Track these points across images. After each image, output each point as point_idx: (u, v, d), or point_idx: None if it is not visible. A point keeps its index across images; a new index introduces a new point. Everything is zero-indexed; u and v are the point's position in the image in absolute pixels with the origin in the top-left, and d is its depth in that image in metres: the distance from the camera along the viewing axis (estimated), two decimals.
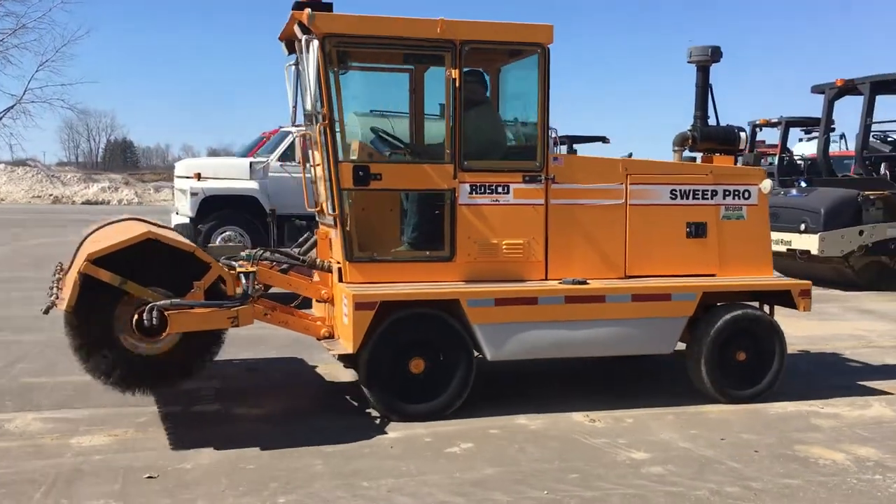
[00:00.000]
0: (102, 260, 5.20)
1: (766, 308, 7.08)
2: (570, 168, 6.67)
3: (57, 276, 6.32)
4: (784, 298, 6.94)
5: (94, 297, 5.19)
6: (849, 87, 14.05)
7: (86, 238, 6.49)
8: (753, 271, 7.12)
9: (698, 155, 7.71)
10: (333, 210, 6.25)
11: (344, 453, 5.33)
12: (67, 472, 4.94)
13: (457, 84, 6.29)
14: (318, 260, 6.63)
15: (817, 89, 14.70)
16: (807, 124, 18.36)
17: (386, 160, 6.58)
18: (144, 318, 5.28)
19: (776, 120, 17.75)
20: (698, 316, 6.67)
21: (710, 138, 7.40)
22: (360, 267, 6.30)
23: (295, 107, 7.16)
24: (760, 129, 18.51)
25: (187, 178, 12.97)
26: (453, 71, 6.29)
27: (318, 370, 7.65)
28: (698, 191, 6.99)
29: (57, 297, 5.67)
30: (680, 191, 6.94)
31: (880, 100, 13.79)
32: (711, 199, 7.02)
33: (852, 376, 7.78)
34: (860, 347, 9.18)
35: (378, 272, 6.32)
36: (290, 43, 6.97)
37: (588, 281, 6.50)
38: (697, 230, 6.96)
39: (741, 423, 6.20)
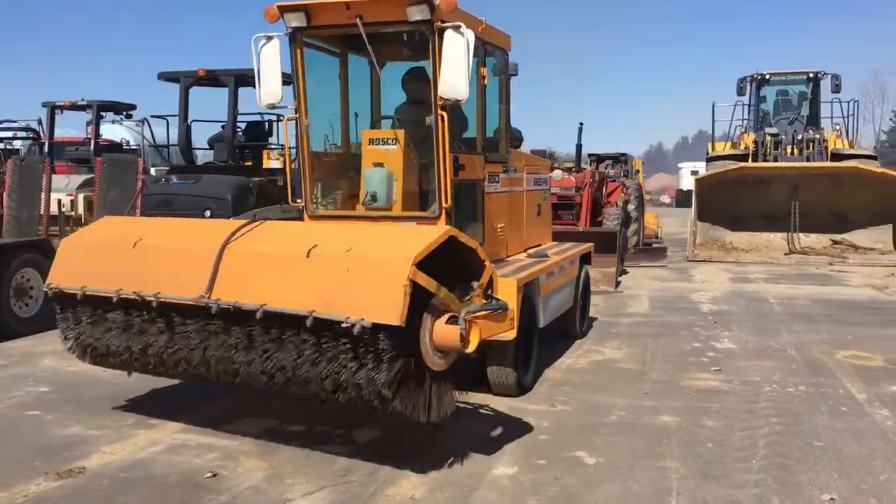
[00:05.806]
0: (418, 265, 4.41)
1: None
2: (514, 160, 7.74)
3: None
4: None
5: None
6: (210, 77, 13.64)
7: (225, 245, 4.74)
8: (548, 240, 9.31)
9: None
10: (441, 202, 6.11)
11: None
12: None
13: (485, 81, 6.79)
14: None
15: (167, 76, 14.05)
16: (119, 109, 17.73)
17: (463, 151, 6.54)
18: (461, 329, 4.63)
19: (84, 102, 16.60)
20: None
21: (514, 136, 9.20)
22: None
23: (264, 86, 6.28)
24: (62, 112, 16.96)
25: None
26: (482, 69, 6.76)
27: None
28: (538, 178, 8.82)
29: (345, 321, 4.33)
30: (535, 178, 8.66)
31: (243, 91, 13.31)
32: (540, 185, 8.93)
33: None
34: None
35: None
36: (308, 14, 6.13)
37: (548, 253, 7.79)
38: (539, 210, 8.81)
39: (625, 383, 6.96)
